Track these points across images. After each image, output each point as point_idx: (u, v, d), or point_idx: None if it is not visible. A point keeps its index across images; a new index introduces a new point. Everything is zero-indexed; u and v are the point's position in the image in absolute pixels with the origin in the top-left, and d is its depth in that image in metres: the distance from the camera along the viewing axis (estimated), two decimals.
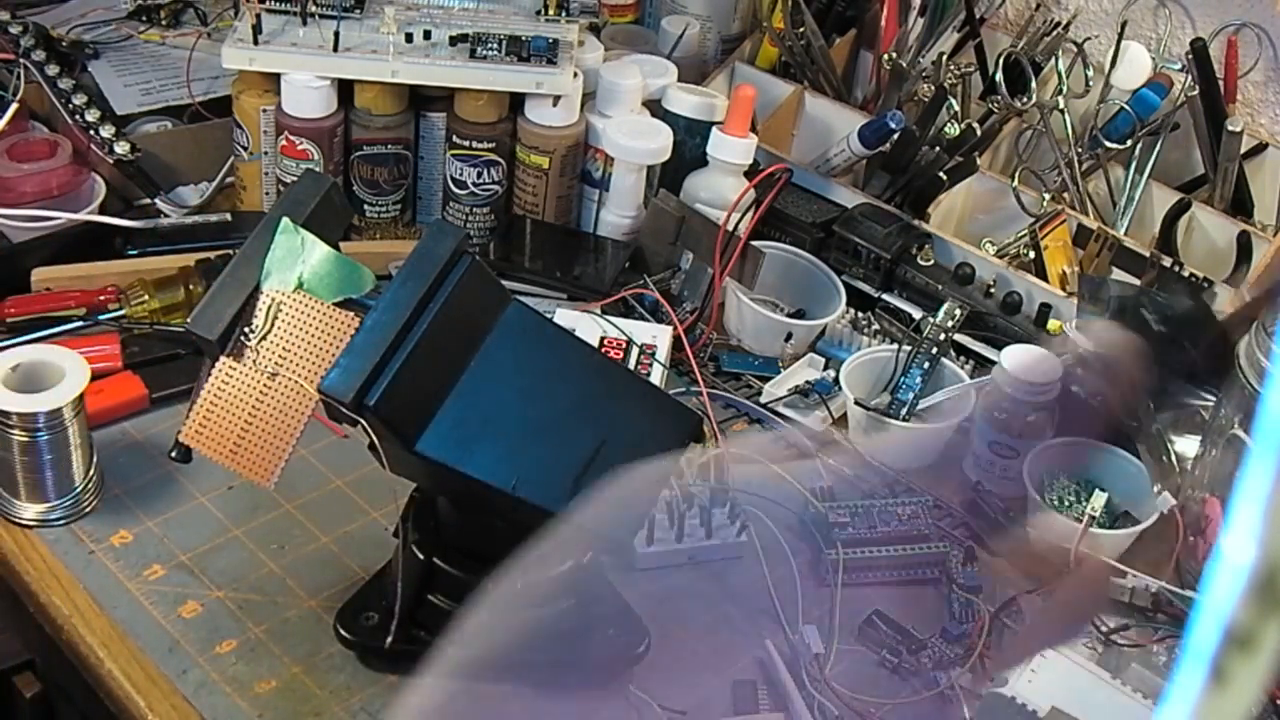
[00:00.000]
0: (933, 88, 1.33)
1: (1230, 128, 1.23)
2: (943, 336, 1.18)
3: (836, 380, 1.16)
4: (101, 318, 1.16)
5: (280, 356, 0.78)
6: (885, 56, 1.38)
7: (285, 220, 0.79)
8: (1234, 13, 1.32)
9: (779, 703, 0.91)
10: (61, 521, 0.99)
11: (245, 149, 1.29)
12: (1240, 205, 1.27)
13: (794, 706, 0.90)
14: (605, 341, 1.15)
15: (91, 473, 1.00)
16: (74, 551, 0.98)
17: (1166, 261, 1.20)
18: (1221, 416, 1.00)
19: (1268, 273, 1.18)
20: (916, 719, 0.92)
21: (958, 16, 1.38)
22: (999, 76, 1.31)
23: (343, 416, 0.78)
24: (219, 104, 1.36)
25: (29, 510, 0.99)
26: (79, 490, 1.00)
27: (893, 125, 1.29)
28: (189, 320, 0.79)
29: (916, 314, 1.22)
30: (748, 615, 0.98)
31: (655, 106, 1.34)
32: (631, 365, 1.13)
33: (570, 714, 0.90)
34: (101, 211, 1.27)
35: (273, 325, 0.78)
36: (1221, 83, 1.29)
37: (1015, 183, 1.30)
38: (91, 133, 1.30)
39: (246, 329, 0.79)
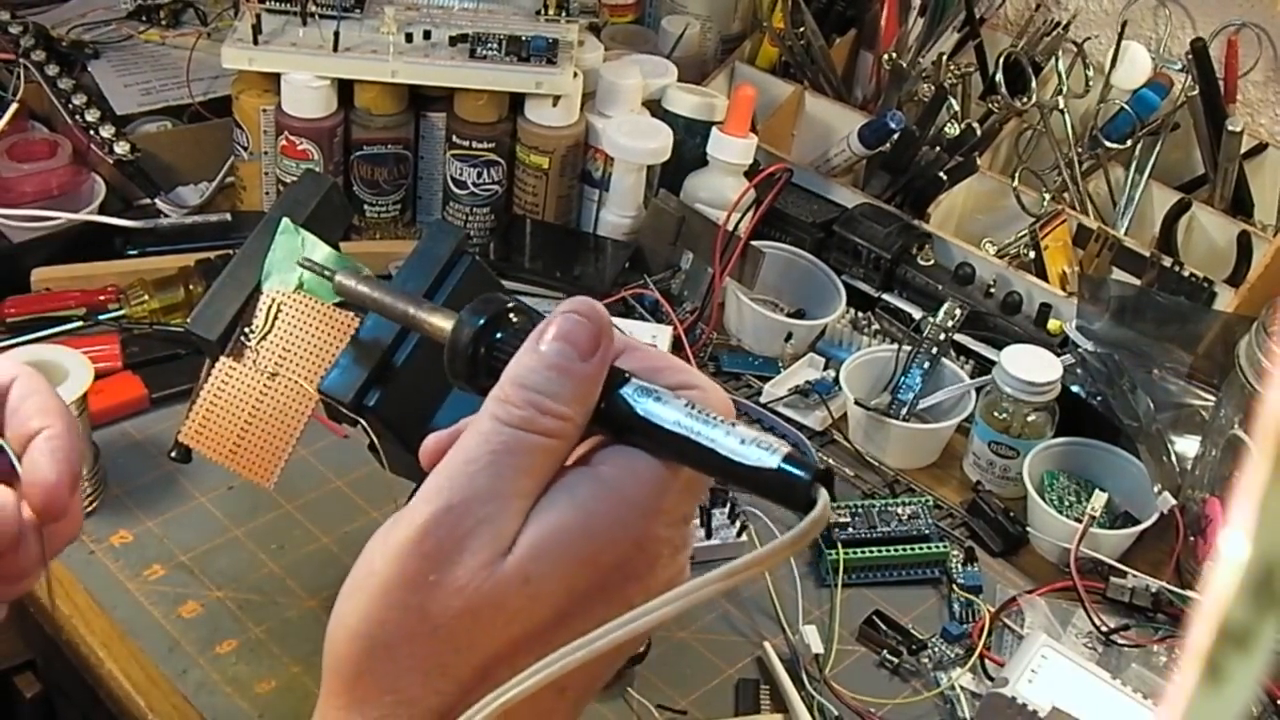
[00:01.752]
0: (933, 88, 1.33)
1: (1230, 128, 1.23)
2: (943, 336, 1.18)
3: (837, 380, 1.16)
4: (101, 318, 1.16)
5: (280, 357, 0.78)
6: (885, 56, 1.38)
7: (285, 220, 0.79)
8: (1234, 13, 1.32)
9: (779, 703, 0.91)
10: None
11: (245, 149, 1.29)
12: (1240, 205, 1.27)
13: (794, 707, 0.90)
14: None
15: (95, 472, 1.00)
16: (74, 551, 0.98)
17: (1167, 261, 1.21)
18: (1221, 416, 1.00)
19: (1268, 273, 1.18)
20: None
21: (958, 16, 1.38)
22: (999, 76, 1.31)
23: (343, 416, 0.78)
24: (219, 104, 1.36)
25: None
26: (82, 488, 1.00)
27: (893, 125, 1.29)
28: (189, 320, 0.79)
29: (917, 314, 1.22)
30: (748, 615, 0.98)
31: (655, 106, 1.34)
32: None
33: None
34: (101, 211, 1.27)
35: (273, 325, 0.78)
36: (1222, 83, 1.29)
37: (1015, 183, 1.30)
38: (91, 133, 1.30)
39: (246, 329, 0.79)
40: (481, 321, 0.57)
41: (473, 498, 0.51)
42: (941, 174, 1.27)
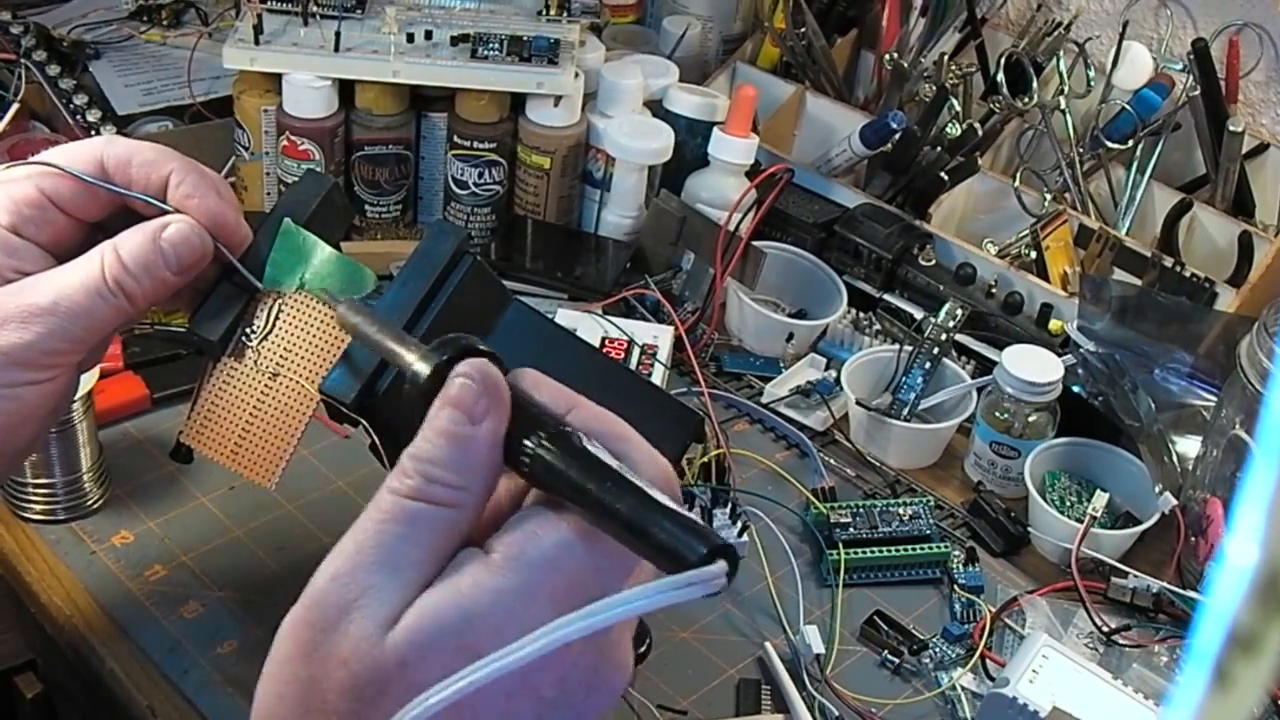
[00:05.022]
0: (934, 88, 1.33)
1: (1232, 128, 1.23)
2: (944, 337, 1.18)
3: (838, 380, 1.16)
4: None
5: (281, 357, 0.78)
6: (886, 56, 1.38)
7: (286, 221, 0.79)
8: (1235, 13, 1.32)
9: (780, 703, 0.91)
10: (68, 518, 0.99)
11: (246, 149, 1.29)
12: (1242, 205, 1.27)
13: (795, 707, 0.90)
14: (606, 342, 1.15)
15: (98, 470, 1.01)
16: (75, 552, 0.98)
17: (1168, 262, 1.21)
18: (1223, 417, 1.00)
19: (1269, 273, 1.18)
20: None
21: (959, 16, 1.38)
22: (1000, 76, 1.31)
23: (344, 417, 0.78)
24: (220, 104, 1.36)
25: (37, 505, 0.99)
26: (86, 487, 1.00)
27: (894, 125, 1.29)
28: (191, 321, 0.79)
29: (918, 314, 1.22)
30: (748, 615, 0.98)
31: (656, 106, 1.34)
32: (633, 365, 1.13)
33: None
34: None
35: (274, 326, 0.78)
36: (1223, 83, 1.29)
37: (1016, 183, 1.30)
38: (93, 133, 1.30)
39: (248, 329, 0.79)
40: (443, 359, 0.57)
41: (358, 566, 0.49)
42: (943, 174, 1.27)
